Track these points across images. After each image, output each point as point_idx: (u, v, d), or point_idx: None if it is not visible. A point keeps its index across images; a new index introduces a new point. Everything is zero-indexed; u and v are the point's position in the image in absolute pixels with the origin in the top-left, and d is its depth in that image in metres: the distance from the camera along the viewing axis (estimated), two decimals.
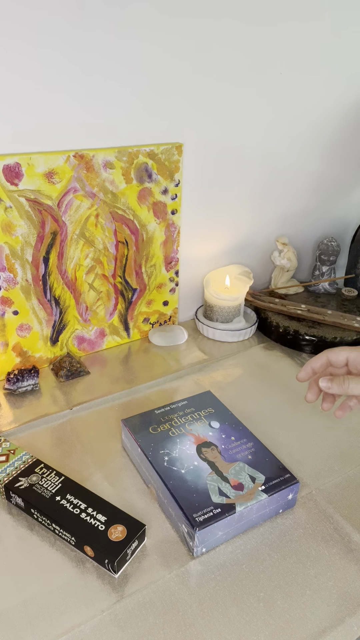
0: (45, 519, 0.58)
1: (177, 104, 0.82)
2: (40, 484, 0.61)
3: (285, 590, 0.53)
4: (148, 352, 0.93)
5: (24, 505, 0.60)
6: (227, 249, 1.03)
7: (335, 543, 0.58)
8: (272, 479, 0.60)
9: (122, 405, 0.79)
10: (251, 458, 0.63)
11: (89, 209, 0.79)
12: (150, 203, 0.85)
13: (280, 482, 0.60)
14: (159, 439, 0.65)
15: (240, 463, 0.62)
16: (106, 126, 0.77)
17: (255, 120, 0.92)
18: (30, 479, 0.62)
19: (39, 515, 0.59)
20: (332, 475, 0.67)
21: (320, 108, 1.00)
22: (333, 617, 0.50)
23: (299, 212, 1.10)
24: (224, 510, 0.56)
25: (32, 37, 0.66)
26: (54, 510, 0.58)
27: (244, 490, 0.58)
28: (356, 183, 1.16)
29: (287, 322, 0.96)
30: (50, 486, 0.61)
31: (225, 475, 0.60)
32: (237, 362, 0.91)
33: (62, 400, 0.79)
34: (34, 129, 0.71)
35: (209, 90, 0.84)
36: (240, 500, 0.57)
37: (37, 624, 0.49)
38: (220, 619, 0.50)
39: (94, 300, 0.87)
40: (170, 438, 0.66)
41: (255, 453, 0.64)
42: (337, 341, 0.92)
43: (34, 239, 0.76)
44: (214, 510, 0.56)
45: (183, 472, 0.61)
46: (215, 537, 0.56)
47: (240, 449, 0.64)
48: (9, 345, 0.81)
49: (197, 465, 0.61)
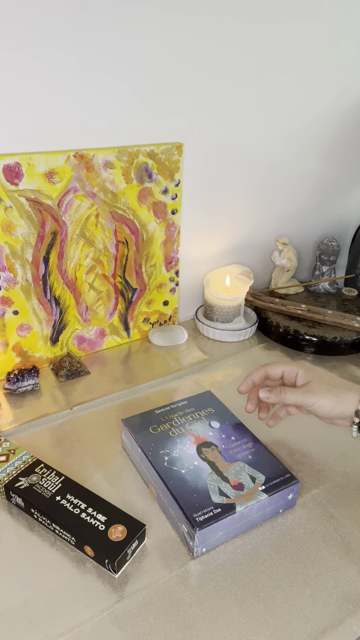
0: (45, 519, 0.58)
1: (177, 104, 0.82)
2: (40, 484, 0.61)
3: (285, 590, 0.53)
4: (148, 352, 0.93)
5: (24, 505, 0.60)
6: (227, 249, 1.03)
7: (335, 543, 0.58)
8: (272, 479, 0.60)
9: (122, 405, 0.79)
10: (251, 458, 0.63)
11: (89, 209, 0.79)
12: (151, 203, 0.85)
13: (280, 482, 0.59)
14: (159, 439, 0.65)
15: (241, 463, 0.62)
16: (106, 126, 0.77)
17: (255, 120, 0.92)
18: (30, 478, 0.62)
19: (39, 515, 0.59)
20: (332, 475, 0.67)
21: (320, 108, 1.00)
22: (333, 617, 0.50)
23: (299, 212, 1.10)
24: (224, 510, 0.56)
25: (32, 37, 0.66)
26: (54, 510, 0.58)
27: (244, 490, 0.58)
28: (356, 183, 1.16)
29: (287, 322, 0.96)
30: (50, 486, 0.61)
31: (226, 475, 0.60)
32: (237, 362, 0.91)
33: (62, 400, 0.79)
34: (34, 129, 0.71)
35: (209, 90, 0.84)
36: (241, 500, 0.57)
37: (37, 624, 0.49)
38: (221, 619, 0.50)
39: (94, 300, 0.87)
40: (170, 438, 0.66)
41: (256, 453, 0.64)
42: (337, 341, 0.92)
43: (34, 239, 0.76)
44: (214, 510, 0.55)
45: (183, 472, 0.60)
46: (215, 537, 0.56)
47: (240, 449, 0.64)
48: (9, 345, 0.81)
49: (197, 465, 0.61)
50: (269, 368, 0.67)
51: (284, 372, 0.66)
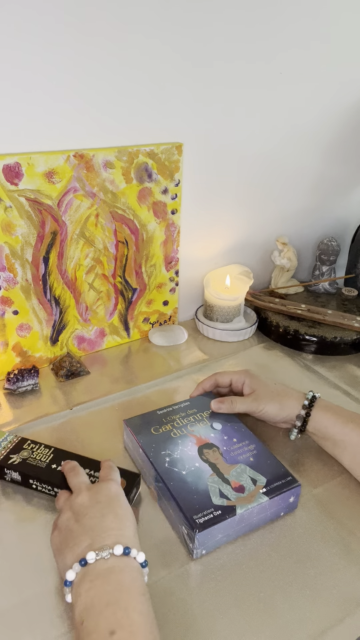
0: (46, 486, 0.60)
1: (177, 104, 0.82)
2: (32, 457, 0.63)
3: (285, 590, 0.53)
4: (148, 352, 0.93)
5: (20, 479, 0.61)
6: (227, 249, 1.03)
7: (335, 543, 0.58)
8: (273, 481, 0.59)
9: (122, 405, 0.79)
10: (253, 460, 0.62)
11: (89, 209, 0.79)
12: (150, 203, 0.85)
13: (281, 484, 0.59)
14: (160, 439, 0.65)
15: (242, 465, 0.62)
16: (106, 126, 0.77)
17: (255, 120, 0.92)
18: (21, 454, 0.63)
19: (38, 484, 0.60)
20: (332, 475, 0.67)
21: (320, 108, 1.00)
22: (333, 617, 0.50)
23: (299, 212, 1.10)
24: (225, 512, 0.55)
25: (32, 37, 0.66)
26: (54, 476, 0.60)
27: (245, 493, 0.58)
28: (356, 183, 1.16)
29: (287, 322, 0.96)
30: (43, 457, 0.63)
31: (227, 477, 0.60)
32: (237, 362, 0.91)
33: (62, 400, 0.79)
34: (34, 129, 0.71)
35: (209, 90, 0.84)
36: (241, 502, 0.56)
37: (37, 624, 0.49)
38: (221, 619, 0.50)
39: (94, 300, 0.87)
40: (172, 439, 0.65)
41: (257, 455, 0.63)
42: (337, 341, 0.92)
43: (34, 239, 0.76)
44: (214, 512, 0.55)
45: (184, 473, 0.60)
46: (215, 539, 0.56)
47: (242, 450, 0.64)
48: (9, 345, 0.81)
49: (198, 467, 0.61)
50: (219, 376, 0.72)
51: (232, 380, 0.72)
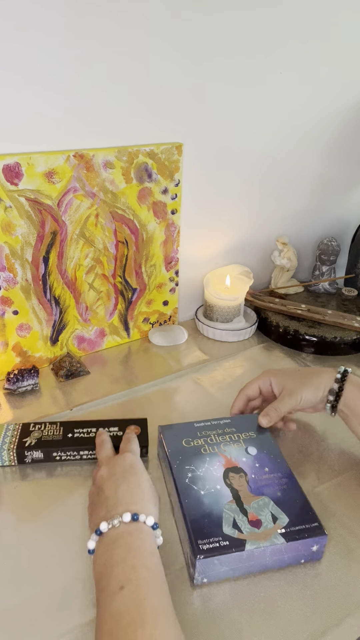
0: (71, 452, 0.64)
1: (177, 104, 0.82)
2: (46, 435, 0.65)
3: (286, 590, 0.53)
4: (148, 352, 0.93)
5: (43, 455, 0.64)
6: (227, 249, 1.03)
7: (335, 543, 0.58)
8: (296, 523, 0.53)
9: (122, 405, 0.79)
10: (280, 495, 0.57)
11: (89, 209, 0.79)
12: (150, 203, 0.85)
13: (304, 529, 0.53)
14: (189, 453, 0.62)
15: (266, 498, 0.56)
16: (106, 126, 0.77)
17: (255, 120, 0.92)
18: (33, 435, 0.65)
19: (62, 454, 0.63)
20: (332, 474, 0.67)
21: (320, 108, 1.00)
22: (333, 617, 0.50)
23: (299, 212, 1.10)
24: (233, 544, 0.51)
25: (32, 38, 0.66)
26: (75, 442, 0.65)
27: (260, 529, 0.53)
28: (356, 183, 1.16)
29: (287, 322, 0.96)
30: (56, 431, 0.66)
31: (245, 508, 0.55)
32: (237, 362, 0.91)
33: (62, 400, 0.79)
34: (34, 129, 0.71)
35: (209, 90, 0.84)
36: (253, 538, 0.52)
37: (38, 624, 0.49)
38: (221, 619, 0.50)
39: (94, 300, 0.87)
40: (200, 455, 0.62)
41: (286, 491, 0.57)
42: (337, 341, 0.92)
43: (33, 239, 0.76)
44: (222, 541, 0.51)
45: (202, 493, 0.56)
46: (219, 570, 0.52)
47: (271, 482, 0.58)
48: (9, 345, 0.81)
49: (219, 490, 0.57)
50: (246, 390, 0.71)
51: (259, 386, 0.70)
